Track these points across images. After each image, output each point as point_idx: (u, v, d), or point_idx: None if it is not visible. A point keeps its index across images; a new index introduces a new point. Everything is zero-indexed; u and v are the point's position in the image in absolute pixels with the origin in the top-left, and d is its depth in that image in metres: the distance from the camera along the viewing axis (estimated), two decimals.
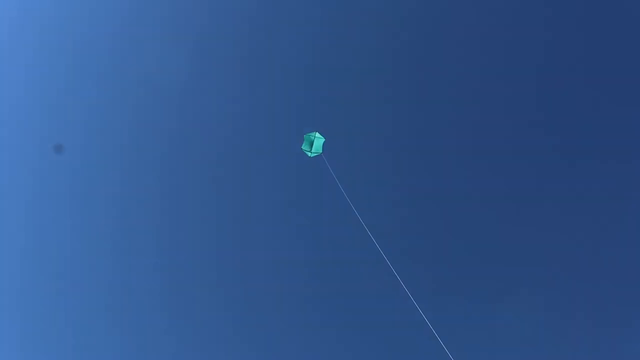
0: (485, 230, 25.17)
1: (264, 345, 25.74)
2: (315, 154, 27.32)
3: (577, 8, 24.88)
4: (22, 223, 27.30)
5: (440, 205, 26.30)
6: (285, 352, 25.38)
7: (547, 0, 25.54)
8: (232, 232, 27.79)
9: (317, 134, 27.28)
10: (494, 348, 22.77)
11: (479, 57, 26.84)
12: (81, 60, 28.18)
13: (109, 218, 27.58)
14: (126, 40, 28.30)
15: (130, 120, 28.16)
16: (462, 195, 25.97)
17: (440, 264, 25.40)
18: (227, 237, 27.78)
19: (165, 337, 26.21)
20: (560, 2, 25.06)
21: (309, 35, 29.21)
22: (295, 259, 27.03)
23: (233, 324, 26.42)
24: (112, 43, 28.27)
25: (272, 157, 29.49)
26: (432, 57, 27.90)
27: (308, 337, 25.51)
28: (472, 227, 25.35)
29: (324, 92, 29.74)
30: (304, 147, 27.18)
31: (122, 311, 26.77)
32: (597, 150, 24.15)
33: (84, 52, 28.54)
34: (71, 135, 27.44)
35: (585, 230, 23.75)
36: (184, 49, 28.41)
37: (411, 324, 21.04)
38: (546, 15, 25.50)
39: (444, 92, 27.61)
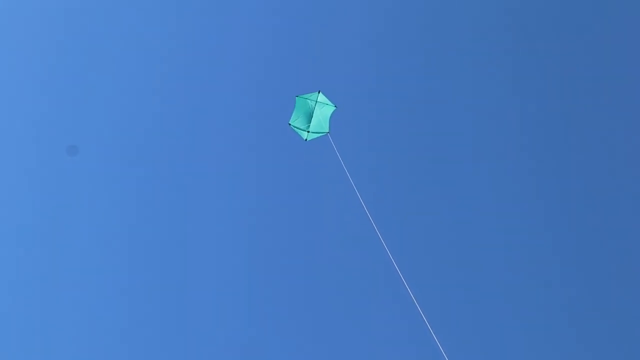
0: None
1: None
2: (317, 135, 14.66)
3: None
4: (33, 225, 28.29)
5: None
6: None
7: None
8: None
9: (320, 96, 14.46)
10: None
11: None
12: (85, 61, 29.20)
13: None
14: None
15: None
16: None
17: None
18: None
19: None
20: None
21: None
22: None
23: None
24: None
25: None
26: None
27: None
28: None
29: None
30: (297, 122, 14.56)
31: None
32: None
33: (86, 52, 29.31)
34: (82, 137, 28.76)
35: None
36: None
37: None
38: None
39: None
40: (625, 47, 25.56)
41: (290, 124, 14.58)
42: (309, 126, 14.38)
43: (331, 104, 14.55)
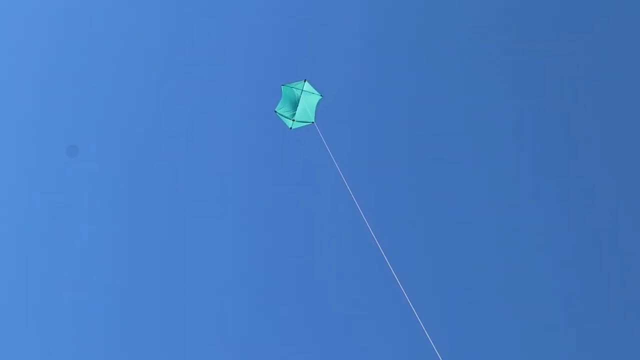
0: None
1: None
2: (302, 124, 14.78)
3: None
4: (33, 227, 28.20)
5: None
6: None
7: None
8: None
9: (306, 85, 14.58)
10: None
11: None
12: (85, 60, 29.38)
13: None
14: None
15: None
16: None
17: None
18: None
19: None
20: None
21: None
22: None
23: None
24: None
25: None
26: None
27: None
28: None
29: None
30: (282, 110, 14.68)
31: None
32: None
33: (86, 52, 29.46)
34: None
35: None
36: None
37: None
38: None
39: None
40: (626, 47, 25.59)
41: (276, 112, 14.78)
42: (294, 114, 14.54)
43: (317, 93, 14.67)
